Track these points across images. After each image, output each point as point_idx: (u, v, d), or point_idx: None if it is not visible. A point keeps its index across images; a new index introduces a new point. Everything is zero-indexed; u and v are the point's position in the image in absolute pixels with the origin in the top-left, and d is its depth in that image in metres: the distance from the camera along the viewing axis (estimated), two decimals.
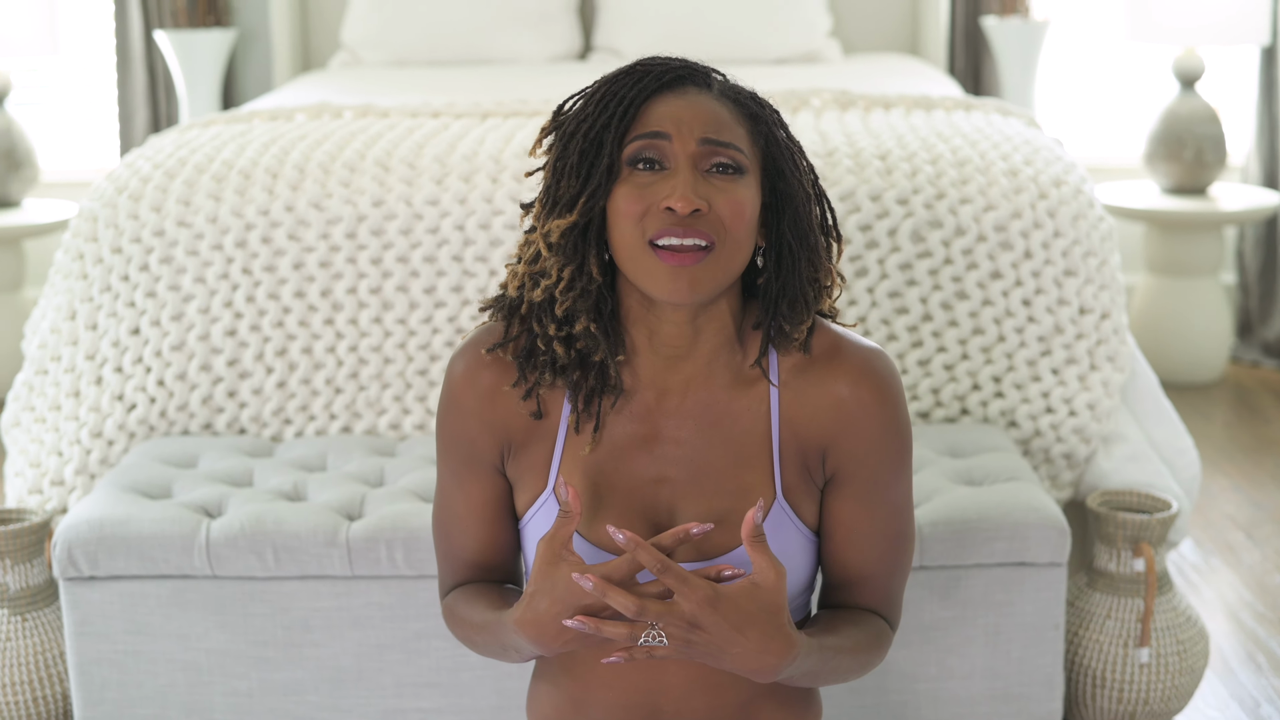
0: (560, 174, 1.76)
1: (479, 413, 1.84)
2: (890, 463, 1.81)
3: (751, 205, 1.73)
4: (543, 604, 1.68)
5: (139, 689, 2.76)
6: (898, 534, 1.85)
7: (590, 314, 1.76)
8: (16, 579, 2.94)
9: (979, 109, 3.80)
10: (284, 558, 2.69)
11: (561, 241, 1.75)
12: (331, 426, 3.18)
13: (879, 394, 1.79)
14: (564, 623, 1.65)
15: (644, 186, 1.71)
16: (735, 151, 1.72)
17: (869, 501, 1.82)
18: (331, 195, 3.19)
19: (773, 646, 1.63)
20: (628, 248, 1.72)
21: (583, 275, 1.75)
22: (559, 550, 1.69)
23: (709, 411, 1.80)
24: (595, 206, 1.73)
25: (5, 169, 5.46)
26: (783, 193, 1.77)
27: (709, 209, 1.70)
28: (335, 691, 2.74)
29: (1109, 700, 2.87)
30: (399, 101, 4.05)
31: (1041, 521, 2.66)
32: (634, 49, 5.41)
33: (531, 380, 1.80)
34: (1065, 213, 3.12)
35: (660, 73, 1.75)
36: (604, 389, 1.79)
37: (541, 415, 1.82)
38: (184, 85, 5.59)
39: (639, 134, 1.72)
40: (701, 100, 1.74)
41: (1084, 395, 3.11)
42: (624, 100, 1.73)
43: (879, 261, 3.12)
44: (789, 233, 1.77)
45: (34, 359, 3.26)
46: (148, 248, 3.18)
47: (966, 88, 5.72)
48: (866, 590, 1.85)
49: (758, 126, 1.77)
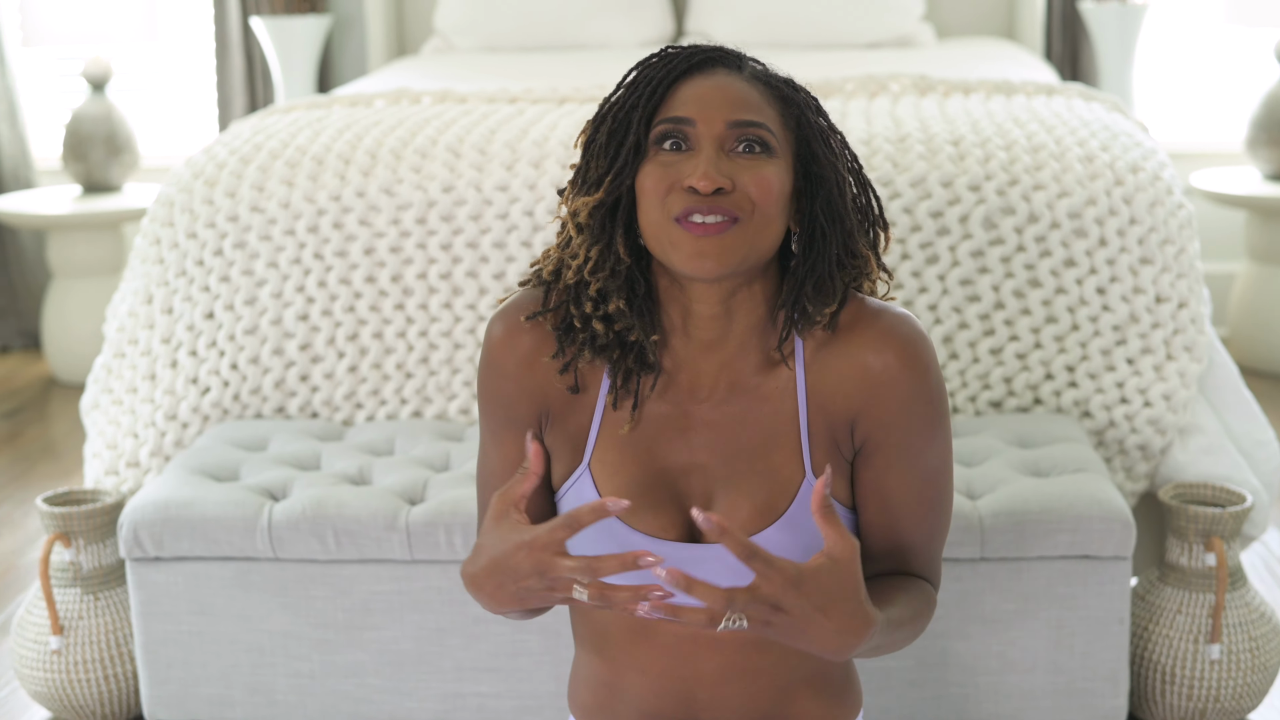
0: (591, 155, 1.76)
1: (517, 377, 1.83)
2: (922, 427, 1.78)
3: (779, 182, 1.71)
4: (481, 559, 1.67)
5: (203, 669, 2.79)
6: (935, 499, 1.81)
7: (621, 293, 1.75)
8: (89, 559, 2.98)
9: (1061, 94, 3.74)
10: (344, 541, 2.71)
11: (589, 220, 1.75)
12: (402, 411, 3.20)
13: (905, 357, 1.76)
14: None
15: (669, 165, 1.70)
16: (763, 130, 1.70)
17: (902, 468, 1.78)
18: (402, 181, 3.20)
19: (853, 625, 1.60)
20: (653, 225, 1.71)
21: (610, 254, 1.74)
22: (506, 507, 1.67)
23: (739, 394, 1.78)
24: (622, 185, 1.73)
25: (106, 154, 5.55)
26: (816, 175, 1.75)
27: (733, 187, 1.68)
28: (396, 675, 2.76)
29: (1178, 697, 2.83)
30: (477, 87, 4.06)
31: (1105, 514, 2.62)
32: (725, 34, 5.39)
33: (570, 354, 1.79)
34: (1142, 199, 3.07)
35: (690, 54, 1.74)
36: (642, 369, 1.78)
37: (579, 390, 1.81)
38: (280, 71, 5.64)
39: (665, 117, 1.71)
40: (730, 82, 1.73)
41: (1160, 386, 3.05)
42: (652, 82, 1.73)
43: (950, 248, 3.08)
44: (821, 214, 1.75)
45: (112, 342, 3.30)
46: (222, 233, 3.21)
47: (1063, 73, 5.64)
48: (908, 557, 1.82)
49: (789, 109, 1.74)
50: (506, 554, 1.64)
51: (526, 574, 1.63)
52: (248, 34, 5.88)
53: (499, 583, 1.66)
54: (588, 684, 1.90)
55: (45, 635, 2.96)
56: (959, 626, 2.66)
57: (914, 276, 3.08)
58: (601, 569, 1.58)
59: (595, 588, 1.59)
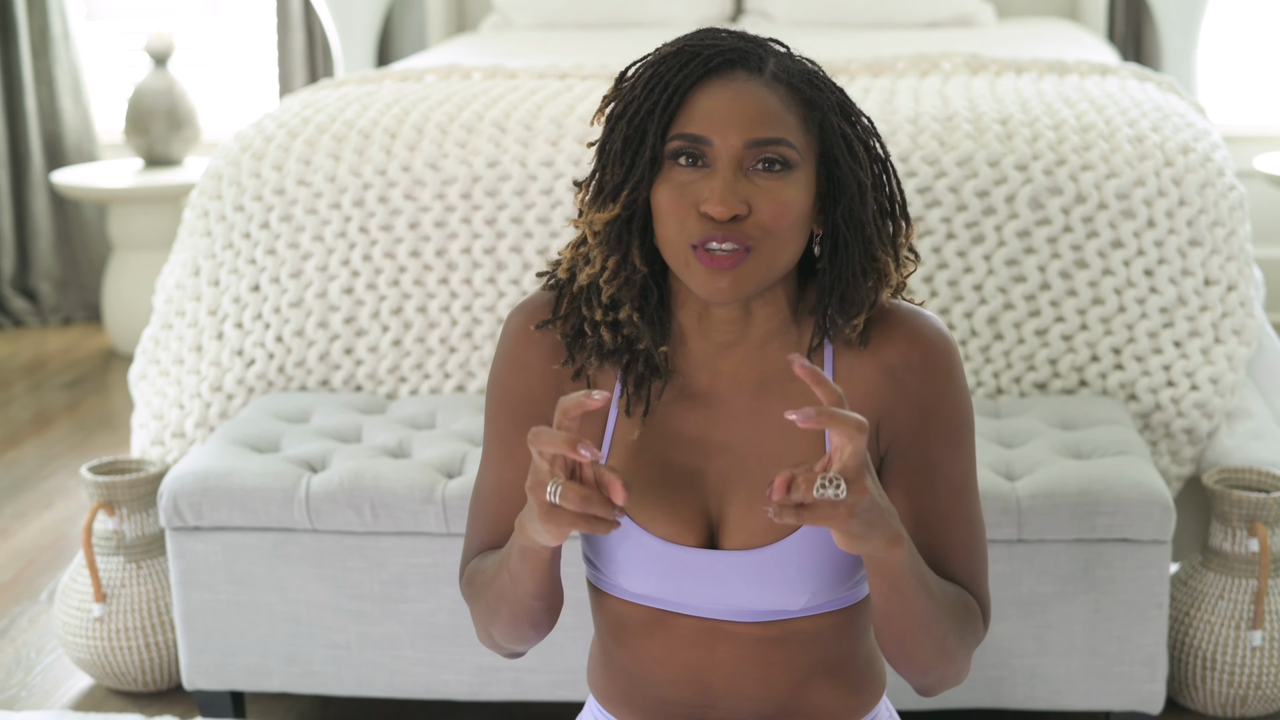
0: (605, 160, 1.71)
1: (540, 373, 1.80)
2: (945, 435, 1.74)
3: (798, 203, 1.66)
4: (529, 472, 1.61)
5: (241, 638, 2.81)
6: (964, 517, 1.77)
7: (635, 302, 1.72)
8: (133, 528, 3.01)
9: (1115, 74, 3.70)
10: (381, 514, 2.72)
11: (605, 231, 1.71)
12: (445, 385, 3.21)
13: (929, 359, 1.73)
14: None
15: (685, 185, 1.65)
16: (783, 147, 1.65)
17: (927, 477, 1.75)
18: (448, 155, 3.20)
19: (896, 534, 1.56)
20: (670, 245, 1.67)
21: (626, 265, 1.71)
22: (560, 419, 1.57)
23: (764, 395, 1.75)
24: (638, 199, 1.68)
25: (167, 129, 5.58)
26: (837, 180, 1.71)
27: (749, 212, 1.64)
28: (431, 647, 2.77)
29: (1219, 683, 2.80)
30: (528, 63, 4.06)
31: (1145, 497, 2.59)
32: (785, 11, 5.36)
33: (580, 361, 1.77)
34: (1192, 181, 3.03)
35: (708, 56, 1.68)
36: (652, 375, 1.75)
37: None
38: (340, 46, 5.66)
39: (680, 132, 1.65)
40: (749, 91, 1.66)
41: (1207, 369, 3.02)
42: (668, 88, 1.66)
43: (996, 228, 3.06)
44: (842, 223, 1.71)
45: (160, 313, 3.32)
46: (268, 206, 3.22)
47: (1126, 54, 5.58)
48: (942, 566, 1.79)
49: (811, 113, 1.69)
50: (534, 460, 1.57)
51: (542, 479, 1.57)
52: (308, 9, 5.91)
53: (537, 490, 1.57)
54: (606, 671, 1.89)
55: (88, 603, 2.99)
56: (996, 609, 2.64)
57: (959, 256, 3.06)
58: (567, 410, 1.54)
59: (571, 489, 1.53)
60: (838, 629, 1.78)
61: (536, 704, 2.98)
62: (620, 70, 1.74)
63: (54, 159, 6.04)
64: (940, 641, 1.70)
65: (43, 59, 5.98)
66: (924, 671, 1.73)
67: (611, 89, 1.73)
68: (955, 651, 1.72)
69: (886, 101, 3.38)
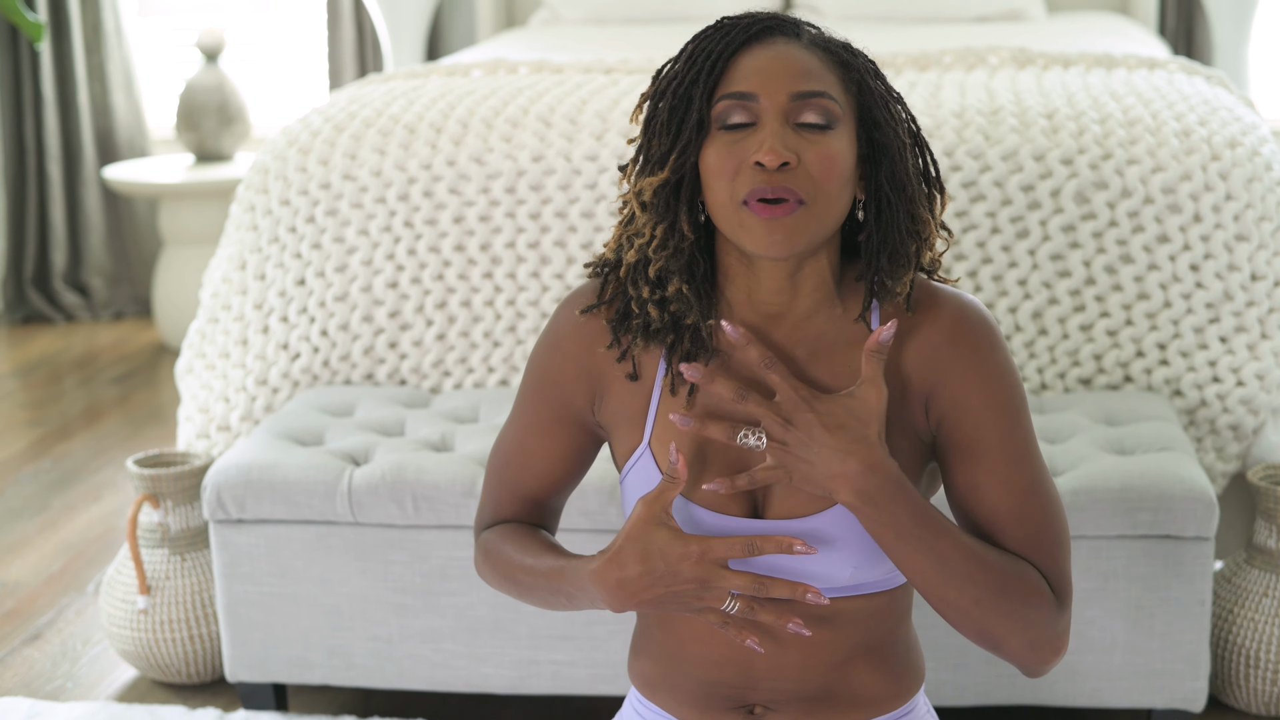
0: (652, 132, 1.75)
1: (577, 357, 1.84)
2: (996, 406, 1.74)
3: (844, 158, 1.70)
4: (630, 561, 1.68)
5: (283, 630, 2.83)
6: (1029, 486, 1.75)
7: (683, 275, 1.75)
8: (177, 520, 3.03)
9: (1163, 68, 3.68)
10: (423, 507, 2.72)
11: (654, 199, 1.74)
12: (489, 379, 3.22)
13: (974, 335, 1.75)
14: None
15: (734, 144, 1.69)
16: (827, 100, 1.69)
17: (982, 449, 1.75)
18: (492, 150, 3.21)
19: (856, 449, 1.62)
20: (722, 206, 1.71)
21: (675, 233, 1.74)
22: (659, 513, 1.68)
23: (808, 366, 1.77)
24: (686, 163, 1.72)
25: (218, 124, 5.62)
26: (879, 142, 1.74)
27: (798, 162, 1.67)
28: (472, 641, 2.78)
29: (1263, 681, 2.78)
30: (574, 58, 4.06)
31: (1187, 494, 2.58)
32: (834, 6, 5.35)
33: (626, 343, 1.79)
34: (1239, 175, 3.01)
35: (747, 25, 1.73)
36: (698, 352, 1.77)
37: (637, 377, 1.80)
38: (389, 42, 5.68)
39: (727, 92, 1.69)
40: (790, 51, 1.71)
41: (1253, 365, 3.00)
42: (711, 55, 1.71)
43: (1041, 223, 3.04)
44: (886, 183, 1.74)
45: (207, 307, 3.34)
46: (314, 200, 3.24)
47: (1177, 49, 5.55)
48: (1009, 542, 1.77)
49: (849, 74, 1.73)
50: (669, 560, 1.66)
51: (686, 580, 1.66)
52: (359, 4, 5.93)
53: (648, 585, 1.67)
54: (649, 655, 1.91)
55: (133, 595, 3.01)
56: None
57: (1004, 250, 3.05)
58: (769, 589, 1.64)
59: (747, 601, 1.66)
60: (879, 611, 1.79)
61: (577, 698, 2.98)
62: (659, 68, 1.78)
63: (106, 154, 6.09)
64: (981, 605, 1.69)
65: (95, 55, 6.03)
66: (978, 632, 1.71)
67: (650, 87, 1.78)
68: (1004, 615, 1.70)
69: (932, 95, 3.37)
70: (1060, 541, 1.78)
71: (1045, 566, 1.76)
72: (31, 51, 5.96)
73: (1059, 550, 1.77)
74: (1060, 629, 1.74)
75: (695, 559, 1.64)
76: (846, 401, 1.64)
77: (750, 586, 1.64)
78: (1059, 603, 1.76)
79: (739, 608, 1.65)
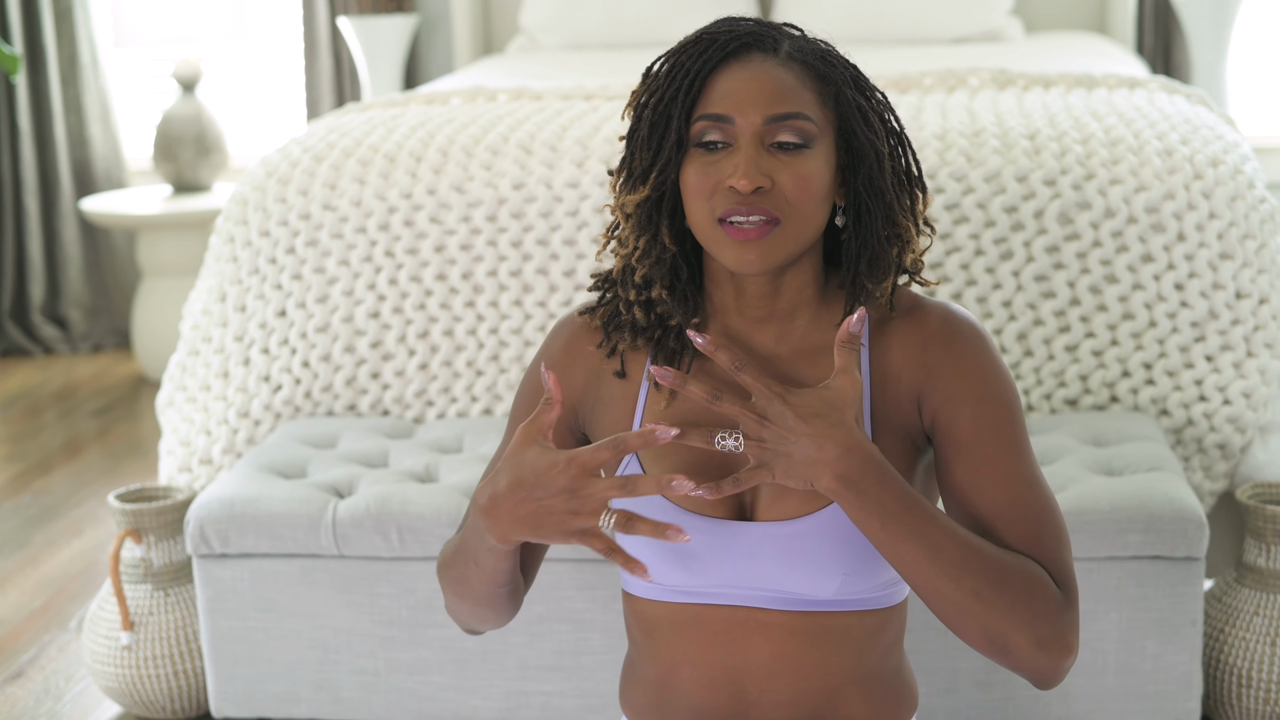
0: (634, 146, 1.79)
1: (563, 367, 1.88)
2: (990, 402, 1.75)
3: (819, 177, 1.73)
4: (502, 479, 1.66)
5: (269, 665, 2.80)
6: (1027, 479, 1.74)
7: (664, 281, 1.79)
8: (160, 555, 3.00)
9: (1143, 87, 3.68)
10: (409, 538, 2.70)
11: (636, 213, 1.79)
12: (473, 409, 3.20)
13: (963, 333, 1.78)
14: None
15: (710, 165, 1.73)
16: (802, 121, 1.72)
17: (980, 445, 1.74)
18: (473, 178, 3.20)
19: (834, 435, 1.61)
20: (700, 224, 1.76)
21: (656, 244, 1.79)
22: (534, 434, 1.66)
23: (794, 370, 1.80)
24: (666, 180, 1.76)
25: (196, 154, 5.60)
26: (856, 151, 1.77)
27: (772, 185, 1.71)
28: (460, 672, 2.75)
29: (1255, 700, 2.77)
30: (554, 84, 4.05)
31: (1178, 514, 2.57)
32: (811, 28, 5.35)
33: (615, 340, 1.83)
34: (1222, 194, 3.01)
35: (725, 41, 1.75)
36: (683, 350, 1.81)
37: (624, 374, 1.83)
38: (367, 71, 5.67)
39: (703, 113, 1.73)
40: (766, 70, 1.73)
41: (1239, 383, 2.99)
42: (689, 73, 1.74)
43: (1025, 244, 3.04)
44: (864, 191, 1.78)
45: (187, 340, 3.32)
46: (294, 231, 3.22)
47: (1155, 67, 5.56)
48: (1011, 542, 1.74)
49: (827, 87, 1.76)
50: (539, 470, 1.63)
51: (557, 491, 1.62)
52: (336, 34, 5.92)
53: (519, 499, 1.64)
54: (640, 683, 1.90)
55: (116, 631, 2.98)
56: None
57: (988, 273, 3.04)
58: (637, 488, 1.60)
59: (623, 515, 1.61)
60: (870, 633, 1.79)
61: None
62: (648, 65, 1.81)
63: (83, 186, 6.07)
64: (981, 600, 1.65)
65: (71, 86, 6.01)
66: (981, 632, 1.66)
67: (640, 84, 1.81)
68: (1007, 608, 1.66)
69: (913, 118, 3.36)
70: (1061, 535, 1.76)
71: (1048, 559, 1.74)
72: (7, 84, 5.94)
73: (1060, 544, 1.75)
74: (1068, 623, 1.70)
75: (563, 466, 1.62)
76: (821, 392, 1.64)
77: (616, 486, 1.61)
78: (1064, 597, 1.72)
79: (615, 520, 1.62)
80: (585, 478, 1.62)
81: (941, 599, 1.66)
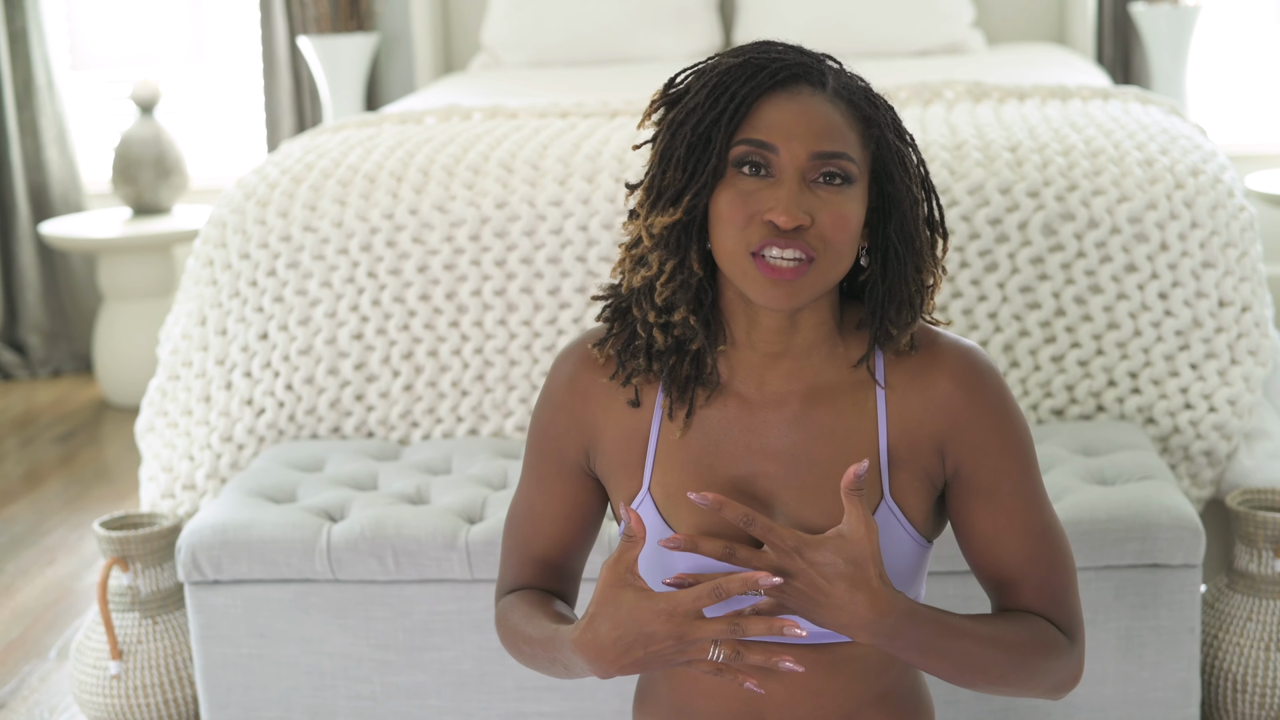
0: (666, 165, 1.73)
1: (570, 407, 1.85)
2: (1011, 453, 1.77)
3: (856, 217, 1.70)
4: (604, 627, 1.66)
5: (263, 692, 2.78)
6: (1042, 529, 1.79)
7: (690, 305, 1.75)
8: (147, 583, 2.97)
9: (1117, 98, 3.70)
10: (404, 561, 2.69)
11: (665, 235, 1.73)
12: (458, 429, 3.18)
13: (983, 386, 1.77)
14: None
15: (748, 194, 1.68)
16: (845, 161, 1.68)
17: (1000, 495, 1.77)
18: (455, 198, 3.18)
19: (859, 598, 1.62)
20: (728, 253, 1.70)
21: (684, 269, 1.74)
22: (623, 574, 1.67)
23: (814, 406, 1.77)
24: (699, 205, 1.71)
25: (155, 176, 5.56)
26: (890, 196, 1.73)
27: (812, 223, 1.67)
28: (457, 695, 2.74)
29: (1250, 705, 2.78)
30: (528, 102, 4.05)
31: (1174, 522, 2.58)
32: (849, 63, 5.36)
33: (630, 368, 1.79)
34: (1203, 203, 3.03)
35: (775, 69, 1.69)
36: (699, 379, 1.78)
37: (638, 404, 1.80)
38: (328, 90, 5.64)
39: (746, 138, 1.67)
40: (814, 105, 1.68)
41: (1224, 390, 3.01)
42: (735, 98, 1.68)
43: (1009, 256, 3.05)
44: (895, 236, 1.74)
45: (166, 364, 3.29)
46: (275, 253, 3.20)
47: (1115, 77, 5.60)
48: (1024, 592, 1.80)
49: (869, 130, 1.72)
50: (640, 621, 1.64)
51: (662, 639, 1.64)
52: (295, 53, 5.89)
53: (625, 649, 1.66)
54: (655, 709, 1.89)
55: (105, 660, 2.95)
56: None
57: (973, 285, 3.05)
58: (746, 629, 1.62)
59: (731, 646, 1.63)
60: (888, 656, 1.80)
61: None
62: (669, 77, 1.77)
63: (40, 210, 6.01)
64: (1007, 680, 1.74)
65: (27, 109, 5.96)
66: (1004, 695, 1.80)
67: (659, 93, 1.77)
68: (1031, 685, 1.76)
69: None
70: (1070, 582, 1.82)
71: (1056, 606, 1.80)
72: None
73: (1069, 589, 1.81)
74: (1076, 664, 1.80)
75: (666, 616, 1.63)
76: (837, 543, 1.63)
77: (726, 631, 1.62)
78: (1071, 643, 1.80)
79: (725, 655, 1.63)
80: (691, 624, 1.63)
81: (968, 686, 1.75)
